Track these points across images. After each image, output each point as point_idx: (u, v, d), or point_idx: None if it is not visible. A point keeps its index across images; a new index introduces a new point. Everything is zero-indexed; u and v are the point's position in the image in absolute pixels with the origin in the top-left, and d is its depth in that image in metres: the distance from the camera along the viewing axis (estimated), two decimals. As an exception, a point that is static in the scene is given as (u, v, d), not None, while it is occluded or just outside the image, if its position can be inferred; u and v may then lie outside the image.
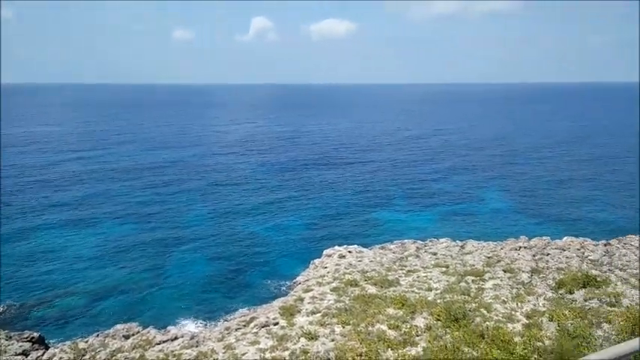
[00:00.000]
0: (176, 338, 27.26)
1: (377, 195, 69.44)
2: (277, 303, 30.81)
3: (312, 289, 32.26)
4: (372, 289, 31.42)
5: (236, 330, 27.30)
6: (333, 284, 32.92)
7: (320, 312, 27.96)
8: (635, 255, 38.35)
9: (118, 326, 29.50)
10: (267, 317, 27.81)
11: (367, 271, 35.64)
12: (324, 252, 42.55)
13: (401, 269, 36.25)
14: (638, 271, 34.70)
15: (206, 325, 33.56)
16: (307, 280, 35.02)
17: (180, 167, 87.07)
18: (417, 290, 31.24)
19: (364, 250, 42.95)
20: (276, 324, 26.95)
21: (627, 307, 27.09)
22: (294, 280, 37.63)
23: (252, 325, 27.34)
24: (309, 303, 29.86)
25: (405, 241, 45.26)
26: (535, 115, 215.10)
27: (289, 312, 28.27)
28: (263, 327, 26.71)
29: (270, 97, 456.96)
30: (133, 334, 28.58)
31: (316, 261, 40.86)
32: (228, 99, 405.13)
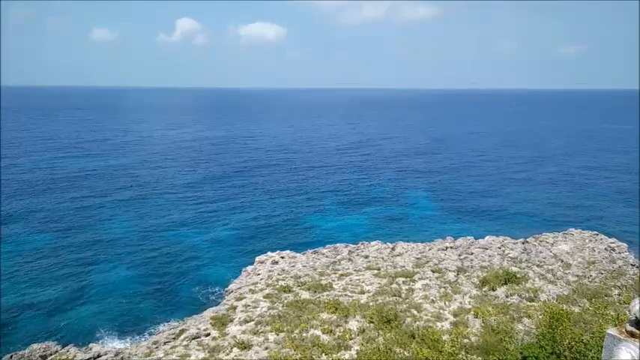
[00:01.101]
0: (99, 356, 25.60)
1: (309, 200, 69.66)
2: (208, 313, 29.86)
3: (244, 297, 31.60)
4: (305, 295, 31.29)
5: (165, 343, 26.10)
6: (266, 291, 32.45)
7: (253, 320, 27.41)
8: (550, 252, 41.08)
9: (35, 346, 27.23)
10: (198, 328, 26.86)
11: (300, 277, 35.49)
12: (257, 259, 41.92)
13: (334, 273, 36.44)
14: (553, 267, 37.17)
15: (132, 340, 31.90)
16: (240, 288, 34.27)
17: (101, 176, 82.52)
18: (350, 294, 31.51)
19: (297, 255, 42.79)
20: (207, 335, 26.07)
21: (544, 301, 28.88)
22: (226, 289, 36.70)
23: (182, 337, 26.27)
24: (241, 311, 29.20)
25: (338, 244, 45.63)
26: (460, 120, 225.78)
27: (221, 322, 27.47)
28: (194, 339, 25.74)
29: (198, 102, 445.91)
30: (51, 354, 26.52)
31: (249, 268, 40.15)
32: (152, 103, 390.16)
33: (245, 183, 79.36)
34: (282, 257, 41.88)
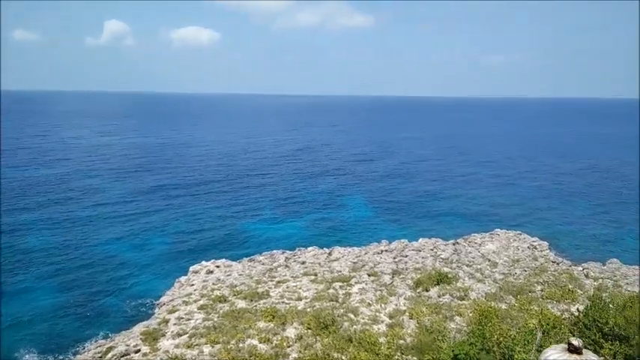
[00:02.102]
0: (16, 381, 23.63)
1: (246, 207, 68.65)
2: (138, 328, 28.43)
3: (177, 309, 30.44)
4: (241, 304, 30.64)
5: (90, 363, 24.54)
6: (201, 302, 31.46)
7: (187, 333, 26.43)
8: (479, 252, 42.93)
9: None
10: (127, 345, 25.48)
11: (236, 285, 34.75)
12: (191, 268, 40.63)
13: (271, 280, 36.01)
14: (481, 266, 38.83)
15: (55, 360, 29.76)
16: (172, 300, 32.99)
17: (12, 183, 76.93)
18: (287, 300, 31.21)
19: (233, 263, 41.94)
20: (137, 351, 24.79)
21: (474, 299, 30.06)
22: (158, 302, 35.19)
23: (109, 355, 24.80)
24: (174, 324, 28.08)
25: (274, 251, 45.23)
26: (395, 125, 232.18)
27: (152, 337, 26.23)
28: (122, 356, 24.38)
29: (129, 107, 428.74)
30: (-41, 383, 24.17)
31: (182, 279, 38.80)
32: (78, 108, 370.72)
33: (179, 191, 76.91)
34: (218, 266, 40.87)
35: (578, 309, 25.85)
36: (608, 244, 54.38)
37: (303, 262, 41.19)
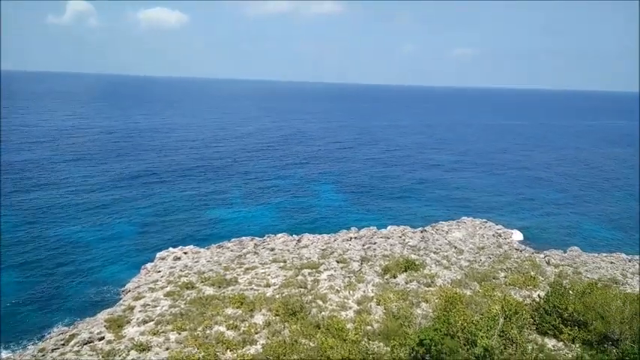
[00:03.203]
0: (-28, 370, 22.87)
1: (215, 192, 67.88)
2: (103, 315, 27.88)
3: (143, 296, 29.97)
4: (209, 290, 30.39)
5: (53, 350, 23.94)
6: (168, 288, 31.05)
7: (153, 320, 26.06)
8: (446, 239, 43.70)
9: None
10: (91, 332, 24.95)
11: (204, 272, 34.42)
12: (158, 255, 40.03)
13: (239, 267, 35.81)
14: (447, 253, 39.57)
15: (16, 348, 28.90)
16: (138, 287, 32.44)
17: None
18: (255, 287, 31.12)
19: (201, 250, 41.51)
20: (101, 339, 24.31)
21: (440, 286, 30.61)
22: (123, 289, 34.55)
23: (72, 342, 24.25)
24: (140, 311, 27.64)
25: (243, 238, 44.96)
26: (369, 114, 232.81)
27: (117, 324, 25.76)
28: (86, 344, 23.87)
29: (94, 89, 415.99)
30: None
31: (148, 265, 38.18)
32: (41, 89, 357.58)
33: (147, 177, 75.32)
34: (185, 253, 40.39)
35: (539, 295, 26.67)
36: (570, 232, 56.21)
37: (272, 249, 41.10)
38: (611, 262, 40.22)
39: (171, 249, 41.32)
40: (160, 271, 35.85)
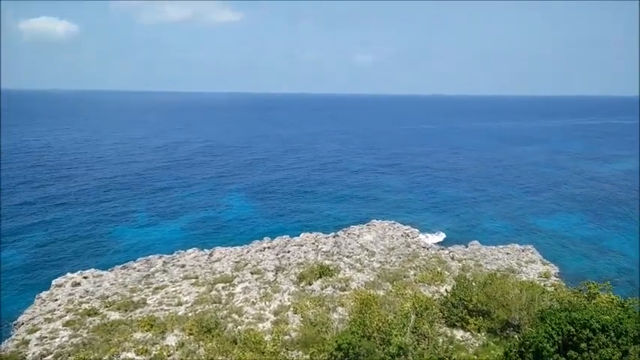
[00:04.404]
0: None
1: (116, 212, 63.76)
2: (-9, 354, 24.89)
3: (39, 328, 27.24)
4: (115, 315, 28.35)
5: None
6: (67, 317, 28.49)
7: (52, 353, 23.78)
8: (358, 242, 44.65)
9: None
10: (-24, 375, 22.14)
11: (108, 296, 32.08)
12: (54, 282, 36.61)
13: (147, 287, 33.84)
14: (360, 256, 40.44)
15: None
16: (32, 319, 29.41)
17: None
18: (166, 307, 29.57)
19: (103, 272, 38.68)
20: (-12, 381, 21.65)
21: (355, 289, 31.13)
22: (15, 322, 31.13)
23: (-48, 390, 21.33)
24: (36, 345, 25.09)
25: (151, 256, 42.62)
26: (272, 123, 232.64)
27: (8, 362, 23.12)
28: (-31, 389, 21.12)
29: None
30: None
31: (43, 294, 34.77)
32: None
33: (36, 197, 69.04)
34: (85, 277, 37.37)
35: (446, 289, 28.07)
36: (470, 227, 60.06)
37: (183, 266, 39.41)
38: (507, 253, 43.55)
39: (69, 274, 38.01)
40: (57, 300, 32.81)
